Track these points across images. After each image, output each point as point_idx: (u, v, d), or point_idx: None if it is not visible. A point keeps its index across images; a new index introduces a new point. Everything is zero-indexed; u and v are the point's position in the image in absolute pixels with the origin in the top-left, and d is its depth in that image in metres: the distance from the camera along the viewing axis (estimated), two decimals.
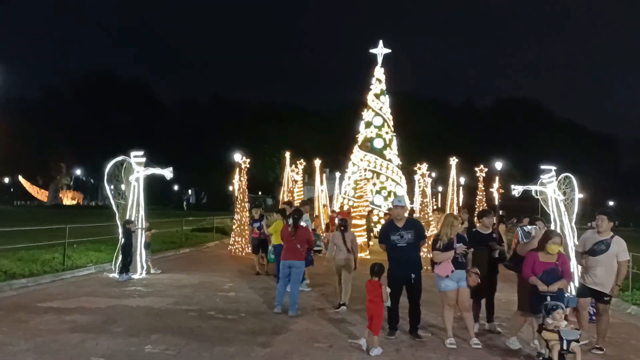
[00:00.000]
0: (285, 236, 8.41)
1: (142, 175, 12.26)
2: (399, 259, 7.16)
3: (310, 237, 8.76)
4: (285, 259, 8.36)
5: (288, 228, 8.46)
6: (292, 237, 8.23)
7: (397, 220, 7.32)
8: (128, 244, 11.72)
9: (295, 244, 8.21)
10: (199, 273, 12.88)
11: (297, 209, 9.07)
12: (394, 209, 7.48)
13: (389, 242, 7.26)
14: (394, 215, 7.44)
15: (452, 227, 6.89)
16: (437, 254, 6.86)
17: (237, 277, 12.51)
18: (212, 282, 11.62)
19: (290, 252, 8.28)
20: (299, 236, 8.26)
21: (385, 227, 7.66)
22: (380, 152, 31.55)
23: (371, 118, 32.71)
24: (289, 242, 8.29)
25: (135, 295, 9.83)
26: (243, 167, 18.44)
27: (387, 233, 7.36)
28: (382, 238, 7.50)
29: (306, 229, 8.73)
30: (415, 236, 7.29)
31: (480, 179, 17.85)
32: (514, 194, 11.44)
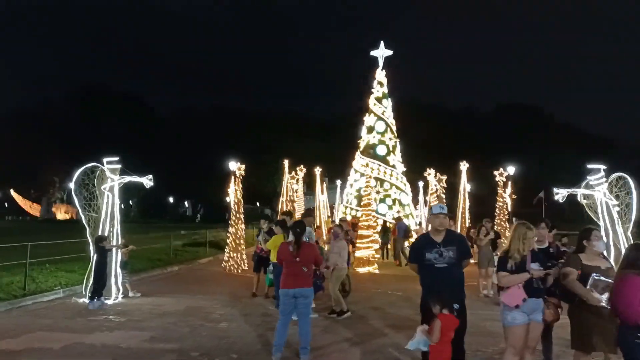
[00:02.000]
0: (286, 257, 6.43)
1: (117, 184, 10.50)
2: (438, 284, 5.42)
3: (318, 255, 6.76)
4: (287, 287, 6.34)
5: (289, 247, 6.45)
6: (295, 257, 6.30)
7: (435, 233, 5.58)
8: (101, 264, 9.94)
9: (300, 266, 6.28)
10: (186, 296, 11.09)
11: (299, 221, 7.16)
12: (435, 218, 5.64)
13: (423, 262, 5.52)
14: (435, 225, 5.64)
15: (526, 240, 5.12)
16: (505, 277, 5.07)
17: (230, 300, 10.72)
18: (201, 307, 9.83)
19: (293, 277, 6.32)
20: (304, 256, 6.34)
21: (419, 242, 5.90)
22: (384, 158, 29.82)
23: (373, 123, 31.04)
24: (291, 265, 6.35)
25: (103, 328, 8.04)
26: (238, 175, 16.69)
27: (420, 250, 5.60)
28: (415, 256, 5.74)
29: (312, 246, 6.84)
30: (459, 254, 5.56)
31: (501, 183, 16.12)
32: (557, 199, 9.74)
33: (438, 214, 5.61)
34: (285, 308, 6.37)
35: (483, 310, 10.11)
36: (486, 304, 11.27)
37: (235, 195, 16.69)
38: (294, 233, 6.49)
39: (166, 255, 17.10)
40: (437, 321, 5.05)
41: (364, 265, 16.65)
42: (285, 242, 6.83)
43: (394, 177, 29.80)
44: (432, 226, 5.65)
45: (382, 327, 8.46)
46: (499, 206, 15.74)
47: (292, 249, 6.35)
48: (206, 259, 18.73)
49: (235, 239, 16.33)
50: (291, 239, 6.57)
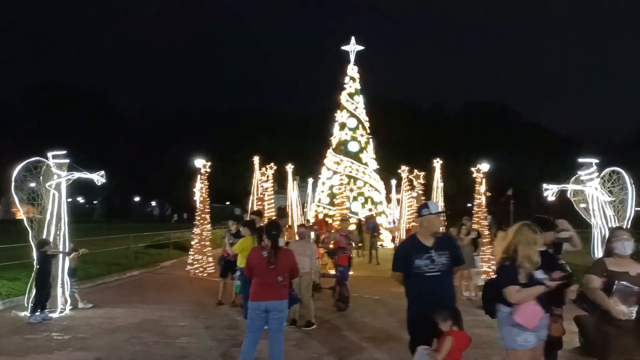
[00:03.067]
0: (258, 264, 5.38)
1: (64, 181, 9.36)
2: (430, 296, 4.53)
3: (295, 264, 5.68)
4: (258, 299, 5.31)
5: (262, 252, 5.41)
6: (271, 265, 5.29)
7: (426, 236, 4.70)
8: (43, 272, 8.80)
9: (275, 275, 5.29)
10: (144, 306, 10.01)
11: (274, 223, 5.98)
12: (434, 218, 4.68)
13: (411, 270, 4.60)
14: (433, 228, 4.68)
15: (534, 246, 4.29)
16: (519, 292, 4.14)
17: (193, 310, 9.70)
18: (158, 320, 8.79)
19: (266, 288, 5.31)
20: (281, 263, 5.33)
21: (406, 247, 4.92)
22: (356, 155, 29.14)
23: (345, 119, 30.33)
24: (264, 273, 5.33)
25: (40, 349, 6.95)
26: (203, 172, 15.61)
27: (408, 256, 4.65)
28: (400, 264, 4.75)
29: (290, 252, 5.74)
30: (451, 260, 4.74)
31: (478, 180, 15.45)
32: (546, 195, 9.04)
33: (438, 213, 4.75)
34: (254, 324, 5.36)
35: (467, 315, 9.35)
36: (469, 307, 10.54)
37: (201, 193, 15.61)
38: (270, 236, 5.43)
39: (126, 259, 15.88)
40: (449, 339, 4.23)
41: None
42: (257, 247, 5.77)
43: (366, 175, 29.14)
44: (426, 228, 4.72)
45: (360, 340, 7.60)
46: (477, 203, 15.08)
47: (267, 254, 5.32)
48: (170, 261, 17.53)
49: (201, 240, 15.26)
50: (265, 243, 5.52)
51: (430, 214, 4.69)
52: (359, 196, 28.12)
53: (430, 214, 4.69)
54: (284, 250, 5.61)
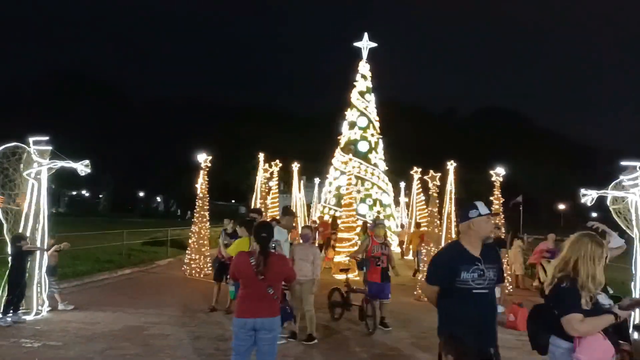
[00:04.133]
0: (245, 273, 4.40)
1: (46, 170, 8.49)
2: (477, 319, 3.59)
3: (290, 270, 4.80)
4: (244, 315, 4.36)
5: (249, 259, 4.40)
6: (260, 275, 4.31)
7: (473, 244, 3.72)
8: (17, 270, 7.92)
9: (265, 286, 4.34)
10: (130, 310, 9.11)
11: (264, 223, 5.01)
12: (477, 222, 3.70)
13: (455, 284, 3.62)
14: (479, 231, 3.71)
15: (600, 262, 3.34)
16: (586, 322, 3.20)
17: (183, 316, 8.80)
18: (143, 327, 7.89)
19: (254, 302, 4.35)
20: (273, 273, 4.37)
21: (450, 254, 3.83)
22: (365, 155, 28.15)
23: (355, 118, 29.33)
24: (252, 284, 4.36)
25: (6, 359, 6.08)
26: (204, 167, 14.73)
27: (453, 265, 3.65)
28: (440, 274, 3.73)
29: (283, 259, 4.79)
30: (498, 275, 3.81)
31: (497, 184, 14.43)
32: (584, 201, 8.07)
33: (489, 215, 3.81)
34: (241, 345, 4.40)
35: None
36: None
37: (200, 189, 14.71)
38: (258, 239, 4.48)
39: (120, 256, 15.01)
40: None
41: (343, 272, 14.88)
42: (244, 252, 4.71)
43: (375, 176, 28.17)
44: (474, 233, 3.71)
45: (368, 359, 6.69)
46: (495, 210, 14.05)
47: (255, 262, 4.36)
48: (166, 260, 16.65)
49: (199, 239, 14.38)
50: (254, 248, 4.59)
51: (480, 215, 3.72)
52: (366, 198, 27.16)
53: (480, 215, 3.72)
54: (276, 256, 4.57)
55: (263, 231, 4.51)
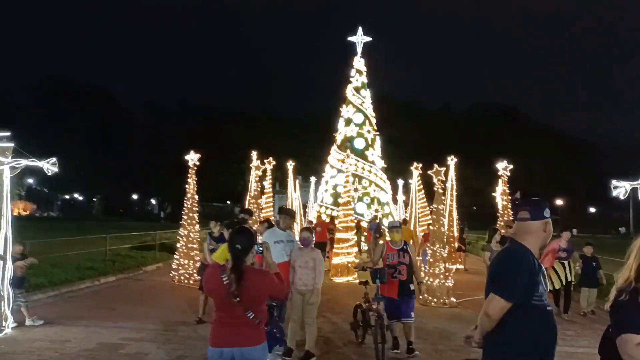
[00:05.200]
0: (217, 292, 3.46)
1: (7, 169, 7.57)
2: (554, 343, 2.90)
3: (275, 286, 3.58)
4: (218, 344, 3.46)
5: (221, 275, 3.41)
6: (234, 296, 3.34)
7: (535, 251, 2.97)
8: None
9: (242, 310, 3.38)
10: (108, 323, 8.20)
11: (241, 229, 3.77)
12: (549, 224, 2.98)
13: (531, 300, 2.81)
14: (547, 237, 3.03)
15: None
16: (637, 345, 2.35)
17: (166, 330, 7.89)
18: (119, 345, 6.98)
19: (231, 328, 3.42)
20: (251, 293, 3.38)
21: (528, 259, 2.89)
22: (362, 153, 27.28)
23: (351, 114, 28.47)
24: (226, 307, 3.43)
25: None
26: (192, 166, 13.82)
27: (534, 277, 2.84)
28: (522, 287, 2.81)
29: (264, 275, 3.63)
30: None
31: (505, 178, 13.57)
32: (616, 194, 7.22)
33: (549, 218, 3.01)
34: None
35: None
36: None
37: (188, 189, 13.80)
38: (232, 251, 3.48)
39: (105, 262, 14.07)
40: None
41: (341, 275, 14.04)
42: (216, 266, 3.69)
43: (372, 174, 27.33)
44: (544, 238, 2.98)
45: None
46: (503, 206, 13.20)
47: (228, 279, 3.37)
48: (154, 265, 15.72)
49: (188, 242, 13.48)
50: (228, 263, 3.50)
51: (550, 217, 3.00)
52: (364, 196, 26.31)
53: (550, 217, 3.00)
54: (255, 272, 3.54)
55: (237, 240, 3.47)
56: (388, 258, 7.00)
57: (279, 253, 6.46)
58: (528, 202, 3.08)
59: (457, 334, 8.23)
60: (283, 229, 6.83)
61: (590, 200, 78.61)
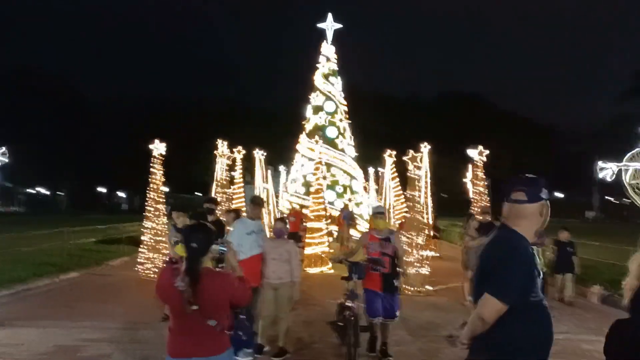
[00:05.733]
0: (171, 299, 3.03)
1: None
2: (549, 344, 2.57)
3: (236, 290, 3.07)
4: (178, 354, 3.03)
5: (173, 277, 2.93)
6: (191, 306, 2.89)
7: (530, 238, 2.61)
8: None
9: (201, 319, 2.91)
10: (67, 323, 7.69)
11: (197, 226, 3.27)
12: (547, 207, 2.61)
13: (529, 297, 2.48)
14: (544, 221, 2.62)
15: None
16: None
17: (130, 329, 7.43)
18: (77, 348, 6.50)
19: (190, 337, 2.99)
20: (209, 300, 2.92)
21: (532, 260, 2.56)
22: (333, 141, 26.97)
23: (321, 102, 28.09)
24: (182, 315, 2.96)
25: None
26: (157, 155, 13.24)
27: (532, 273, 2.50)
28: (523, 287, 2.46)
29: (224, 278, 3.09)
30: None
31: (480, 164, 13.34)
32: (602, 176, 7.04)
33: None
34: None
35: None
36: None
37: (153, 180, 13.22)
38: (187, 249, 2.98)
39: (62, 258, 13.39)
40: None
41: (315, 265, 13.71)
42: (168, 267, 3.32)
43: (344, 162, 27.06)
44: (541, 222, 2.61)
45: None
46: (478, 192, 13.03)
47: (182, 283, 2.89)
48: (120, 259, 15.08)
49: (155, 235, 12.94)
50: (179, 265, 3.00)
51: (547, 199, 2.63)
52: (334, 185, 26.04)
53: (547, 199, 2.63)
54: (214, 276, 3.03)
55: (192, 239, 2.99)
56: (369, 248, 6.19)
57: (251, 245, 6.09)
58: (524, 180, 2.67)
59: (434, 323, 8.04)
60: (252, 218, 6.44)
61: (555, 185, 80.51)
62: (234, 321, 3.14)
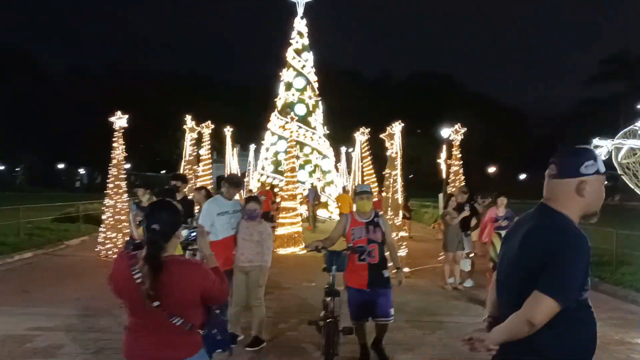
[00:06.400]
0: (128, 293, 2.38)
1: None
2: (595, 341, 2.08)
3: (208, 282, 2.45)
4: (134, 357, 2.46)
5: (131, 267, 2.34)
6: (151, 300, 2.29)
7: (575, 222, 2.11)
8: None
9: (163, 316, 2.33)
10: (16, 310, 6.99)
11: (164, 203, 2.70)
12: (599, 181, 2.10)
13: (582, 295, 2.01)
14: (596, 200, 2.12)
15: None
16: None
17: (85, 315, 6.78)
18: (26, 337, 5.84)
19: (152, 337, 2.40)
20: (175, 294, 2.34)
21: (587, 248, 1.99)
22: (304, 119, 26.28)
23: (292, 79, 27.32)
24: (142, 313, 2.37)
25: None
26: (118, 128, 12.40)
27: (587, 272, 2.01)
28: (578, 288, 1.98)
29: (195, 268, 2.47)
30: None
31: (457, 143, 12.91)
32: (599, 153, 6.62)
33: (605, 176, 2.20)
34: None
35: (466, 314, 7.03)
36: (458, 299, 8.28)
37: (115, 155, 12.40)
38: (148, 231, 2.42)
39: (17, 237, 12.51)
40: None
41: (287, 245, 13.21)
42: (122, 255, 2.64)
43: (314, 141, 26.48)
44: (587, 204, 2.10)
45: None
46: (454, 171, 12.64)
47: (139, 275, 2.34)
48: (78, 239, 14.25)
49: (115, 213, 12.18)
50: (143, 253, 2.38)
51: (599, 173, 2.12)
52: (305, 164, 25.48)
53: (599, 173, 2.12)
54: (181, 265, 2.44)
55: (155, 219, 2.42)
56: (353, 234, 5.13)
57: (223, 226, 5.49)
58: (561, 152, 2.21)
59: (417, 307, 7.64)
60: (228, 198, 5.79)
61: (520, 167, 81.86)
62: (207, 317, 2.58)
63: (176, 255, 2.54)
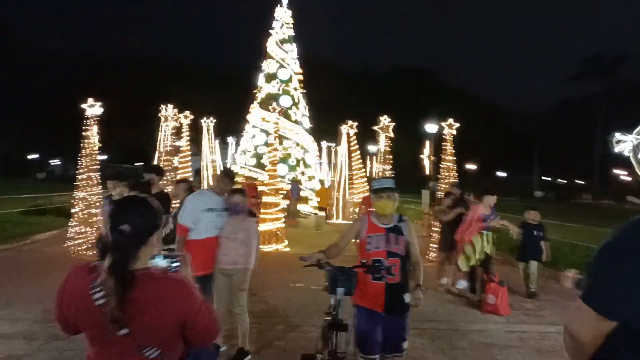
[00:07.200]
0: (87, 317, 1.80)
1: None
2: None
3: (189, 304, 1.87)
4: None
5: (88, 285, 1.78)
6: (118, 326, 1.74)
7: None
8: None
9: (134, 347, 1.78)
10: None
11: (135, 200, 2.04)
12: None
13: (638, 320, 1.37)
14: None
15: None
16: None
17: (51, 320, 6.12)
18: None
19: None
20: (148, 320, 1.77)
21: None
22: (286, 112, 25.65)
23: (275, 70, 26.64)
24: (105, 343, 1.80)
25: None
26: (91, 117, 11.66)
27: None
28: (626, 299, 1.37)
29: (179, 286, 1.86)
30: None
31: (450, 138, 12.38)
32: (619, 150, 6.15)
33: None
34: None
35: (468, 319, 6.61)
36: (455, 304, 7.85)
37: (87, 145, 11.66)
38: (114, 235, 1.85)
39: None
40: None
41: (270, 242, 12.65)
42: (79, 268, 1.97)
43: (297, 135, 25.88)
44: None
45: None
46: (446, 167, 12.13)
47: (104, 292, 1.76)
48: (48, 233, 13.48)
49: (86, 207, 11.46)
50: (105, 264, 1.81)
51: None
52: (287, 158, 24.90)
53: None
54: (157, 281, 1.84)
55: (123, 218, 1.89)
56: (369, 243, 3.84)
57: (208, 225, 4.89)
58: None
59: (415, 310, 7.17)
60: (219, 194, 5.17)
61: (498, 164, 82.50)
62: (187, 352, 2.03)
63: (152, 268, 1.94)
